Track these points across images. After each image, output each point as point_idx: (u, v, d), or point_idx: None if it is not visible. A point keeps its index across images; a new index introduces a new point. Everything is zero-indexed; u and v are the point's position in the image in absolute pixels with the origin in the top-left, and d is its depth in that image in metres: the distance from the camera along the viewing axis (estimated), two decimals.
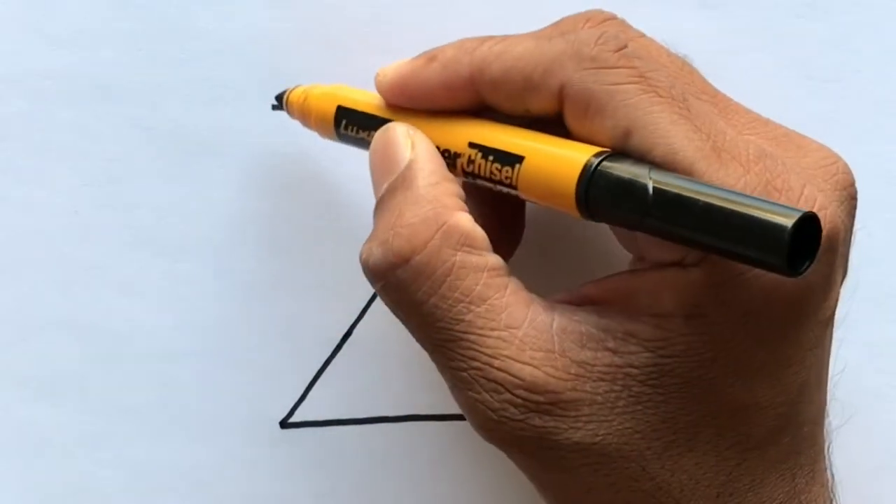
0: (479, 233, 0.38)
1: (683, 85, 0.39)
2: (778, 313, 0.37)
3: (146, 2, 0.45)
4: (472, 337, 0.37)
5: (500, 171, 0.38)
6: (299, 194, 0.46)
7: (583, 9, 0.42)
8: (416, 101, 0.41)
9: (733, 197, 0.34)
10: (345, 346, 0.47)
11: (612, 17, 0.41)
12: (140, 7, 0.45)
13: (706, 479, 0.38)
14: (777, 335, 0.37)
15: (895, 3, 0.48)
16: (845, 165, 0.39)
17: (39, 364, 0.46)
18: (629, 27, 0.41)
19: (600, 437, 0.37)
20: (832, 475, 0.42)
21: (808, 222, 0.34)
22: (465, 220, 0.38)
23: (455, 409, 0.47)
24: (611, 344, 0.37)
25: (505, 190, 0.39)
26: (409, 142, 0.40)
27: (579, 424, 0.37)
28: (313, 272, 0.47)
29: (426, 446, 0.47)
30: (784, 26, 0.47)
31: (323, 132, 0.44)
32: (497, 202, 0.41)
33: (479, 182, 0.39)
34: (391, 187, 0.39)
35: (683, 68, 0.40)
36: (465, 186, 0.41)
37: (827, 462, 0.41)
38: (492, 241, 0.40)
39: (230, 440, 0.47)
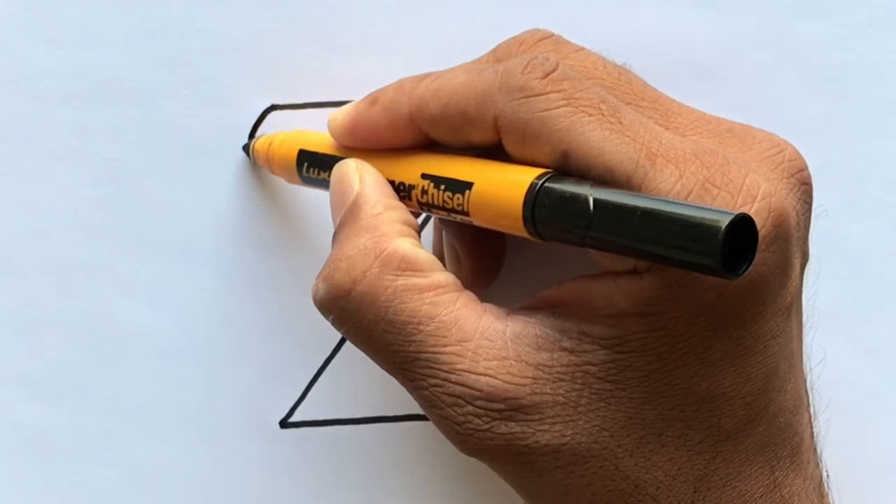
0: (422, 255, 0.39)
1: (620, 94, 0.39)
2: (733, 304, 0.37)
3: (146, 2, 0.45)
4: (426, 355, 0.38)
5: (451, 198, 0.39)
6: (299, 194, 0.46)
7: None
8: (367, 142, 0.42)
9: (670, 206, 0.35)
10: (345, 346, 0.47)
11: (547, 37, 0.41)
12: (140, 7, 0.45)
13: (682, 474, 0.38)
14: (735, 325, 0.38)
15: (895, 3, 0.48)
16: (794, 151, 0.40)
17: (39, 364, 0.46)
18: (564, 44, 0.41)
19: (569, 438, 0.38)
20: (827, 472, 0.42)
21: (743, 224, 0.34)
22: (404, 245, 0.39)
23: None
24: (566, 344, 0.38)
25: (459, 218, 0.39)
26: (357, 175, 0.41)
27: (545, 427, 0.38)
28: (313, 272, 0.47)
29: (425, 446, 0.47)
30: (784, 26, 0.47)
31: (288, 177, 0.45)
32: (475, 230, 0.42)
33: (434, 212, 0.40)
34: (341, 221, 0.41)
35: (620, 77, 0.40)
36: (443, 220, 0.42)
37: (815, 456, 0.41)
38: (472, 267, 0.42)
39: (230, 440, 0.47)
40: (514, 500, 0.46)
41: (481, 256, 0.44)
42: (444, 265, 0.43)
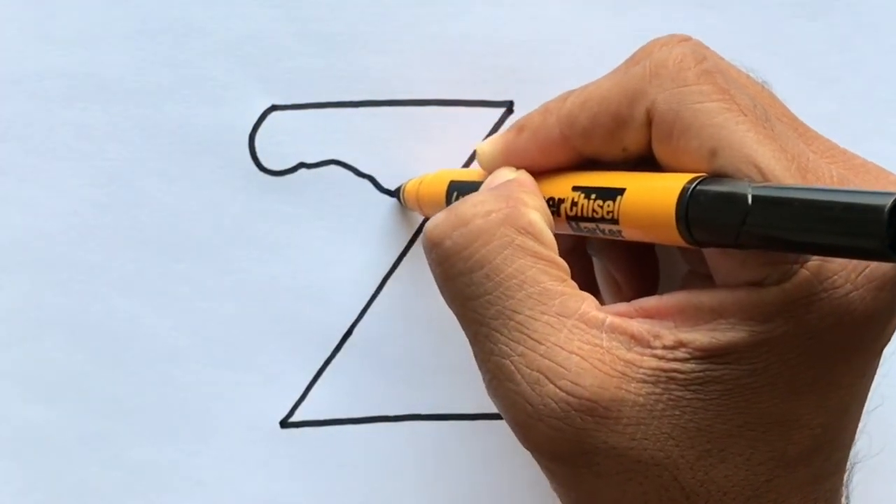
0: (548, 232, 0.38)
1: (765, 106, 0.38)
2: (843, 336, 0.36)
3: (146, 2, 0.45)
4: (520, 318, 0.37)
5: (601, 207, 0.38)
6: (299, 194, 0.46)
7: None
8: None
9: (827, 193, 0.34)
10: (345, 346, 0.47)
11: (686, 40, 0.40)
12: (140, 7, 0.45)
13: (733, 491, 0.37)
14: (835, 358, 0.37)
15: (895, 3, 0.48)
16: None
17: (39, 364, 0.46)
18: (707, 48, 0.40)
19: (636, 442, 0.36)
20: (847, 498, 0.41)
21: None
22: (536, 216, 0.38)
23: (455, 409, 0.47)
24: (659, 351, 0.37)
25: (607, 230, 0.39)
26: (514, 174, 0.41)
27: (619, 427, 0.36)
28: (313, 272, 0.47)
29: (426, 446, 0.47)
30: (784, 26, 0.47)
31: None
32: (626, 248, 0.42)
33: (583, 226, 0.39)
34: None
35: (763, 91, 0.40)
36: (600, 241, 0.42)
37: (844, 491, 0.41)
38: (630, 288, 0.42)
39: (230, 440, 0.47)
40: (515, 500, 0.46)
41: (636, 275, 0.43)
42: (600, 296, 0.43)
